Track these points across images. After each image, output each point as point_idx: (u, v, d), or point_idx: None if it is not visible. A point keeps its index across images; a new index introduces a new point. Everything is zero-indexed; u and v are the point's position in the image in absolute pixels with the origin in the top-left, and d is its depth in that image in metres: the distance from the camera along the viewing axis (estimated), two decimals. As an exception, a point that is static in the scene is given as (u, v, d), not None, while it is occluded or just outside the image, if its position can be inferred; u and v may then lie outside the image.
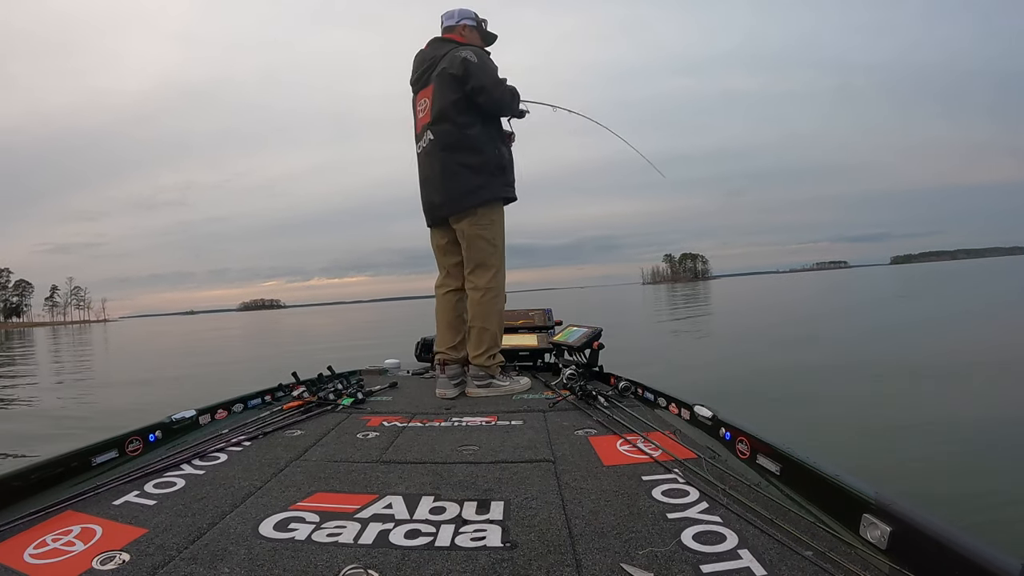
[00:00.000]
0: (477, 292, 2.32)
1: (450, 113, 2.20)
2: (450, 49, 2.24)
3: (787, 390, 4.55)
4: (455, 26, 2.35)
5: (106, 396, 6.32)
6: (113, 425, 1.86)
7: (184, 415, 1.77)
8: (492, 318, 2.33)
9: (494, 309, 2.34)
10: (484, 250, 2.30)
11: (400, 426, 1.81)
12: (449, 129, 2.21)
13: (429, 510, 1.11)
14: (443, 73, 2.19)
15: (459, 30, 2.35)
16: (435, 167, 2.28)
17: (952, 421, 3.32)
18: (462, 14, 2.35)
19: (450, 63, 2.18)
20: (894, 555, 0.85)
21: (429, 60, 2.29)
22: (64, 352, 15.26)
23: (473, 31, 2.37)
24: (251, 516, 1.10)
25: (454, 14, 2.35)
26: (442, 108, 2.20)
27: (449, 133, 2.22)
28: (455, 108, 2.20)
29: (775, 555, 0.89)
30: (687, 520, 1.02)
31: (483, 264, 2.31)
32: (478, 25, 2.38)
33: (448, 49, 2.24)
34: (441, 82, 2.20)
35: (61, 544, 0.99)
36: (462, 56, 2.17)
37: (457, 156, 2.23)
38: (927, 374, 4.89)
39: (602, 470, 1.33)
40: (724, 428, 1.47)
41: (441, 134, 2.23)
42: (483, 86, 2.17)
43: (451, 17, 2.35)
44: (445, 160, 2.25)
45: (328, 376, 2.43)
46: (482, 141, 2.25)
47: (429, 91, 2.25)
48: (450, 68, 2.18)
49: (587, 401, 1.98)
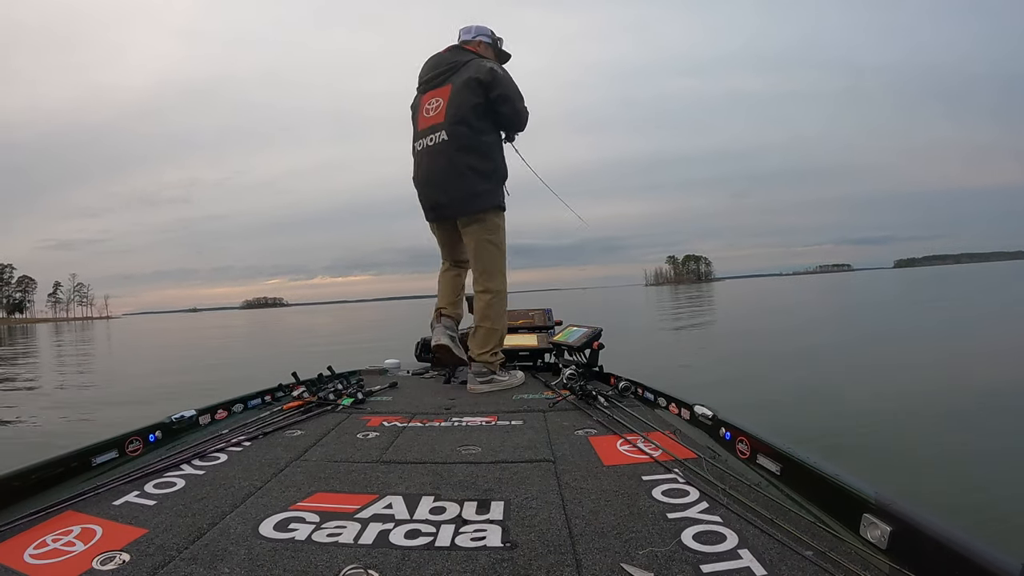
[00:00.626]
0: (488, 295, 2.43)
1: (469, 116, 2.27)
2: (473, 58, 2.35)
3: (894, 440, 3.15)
4: (471, 40, 2.45)
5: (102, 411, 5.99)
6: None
7: (184, 415, 1.77)
8: (500, 319, 2.46)
9: (502, 311, 2.47)
10: (493, 255, 2.40)
11: (400, 426, 1.81)
12: (466, 132, 2.27)
13: (429, 510, 1.11)
14: (469, 79, 2.27)
15: (475, 44, 2.44)
16: (442, 165, 2.32)
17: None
18: (479, 30, 2.46)
19: (477, 70, 2.28)
20: (894, 555, 0.85)
21: (448, 64, 2.35)
22: (59, 355, 15.26)
23: (488, 48, 2.47)
24: (251, 516, 1.10)
25: (471, 29, 2.46)
26: (462, 111, 2.26)
27: (466, 135, 2.28)
28: (475, 112, 2.27)
29: (775, 555, 0.89)
30: (687, 520, 1.02)
31: (491, 269, 2.42)
32: (493, 43, 2.49)
33: (470, 58, 2.35)
34: (465, 86, 2.27)
35: (61, 544, 0.99)
36: (489, 66, 2.30)
37: (469, 159, 2.30)
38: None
39: (602, 470, 1.33)
40: (724, 428, 1.47)
41: (457, 135, 2.28)
42: (508, 96, 2.29)
43: (468, 32, 2.47)
44: (456, 160, 2.30)
45: (328, 376, 2.43)
46: (494, 149, 2.36)
47: (444, 92, 2.31)
48: (477, 74, 2.26)
49: (587, 401, 1.98)
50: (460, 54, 2.37)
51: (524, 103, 2.36)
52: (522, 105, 2.35)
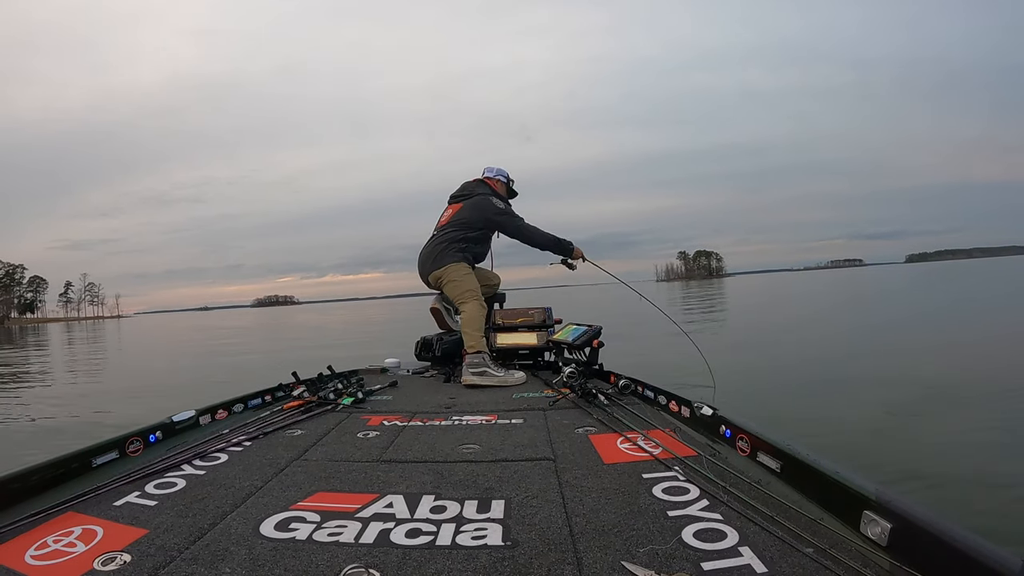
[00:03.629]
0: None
1: (465, 220, 3.04)
2: (487, 191, 3.11)
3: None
4: (492, 177, 3.20)
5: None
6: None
7: (184, 415, 1.77)
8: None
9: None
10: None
11: (400, 425, 1.81)
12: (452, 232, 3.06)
13: (430, 509, 1.11)
14: (477, 203, 3.05)
15: (494, 180, 3.18)
16: (428, 250, 3.09)
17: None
18: (499, 172, 3.21)
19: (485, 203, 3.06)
20: (895, 552, 0.86)
21: (468, 189, 3.11)
22: (67, 353, 15.26)
23: (502, 185, 3.20)
24: (252, 516, 1.10)
25: (493, 169, 3.22)
26: (458, 220, 3.04)
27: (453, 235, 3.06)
28: (466, 224, 3.03)
29: (776, 552, 0.89)
30: (688, 518, 1.02)
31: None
32: (507, 182, 3.23)
33: (485, 190, 3.11)
34: (473, 207, 3.04)
35: (62, 545, 0.99)
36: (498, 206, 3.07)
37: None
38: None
39: (602, 468, 1.33)
40: (725, 425, 1.47)
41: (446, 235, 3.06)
42: (504, 228, 3.05)
43: (490, 171, 3.22)
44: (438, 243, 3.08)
45: (328, 376, 2.43)
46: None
47: (458, 207, 3.06)
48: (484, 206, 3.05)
49: (587, 399, 1.98)
50: (479, 187, 3.11)
51: (520, 220, 3.03)
52: (514, 220, 3.02)
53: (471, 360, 2.63)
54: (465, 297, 2.89)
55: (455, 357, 2.96)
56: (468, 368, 2.60)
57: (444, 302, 3.09)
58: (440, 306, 3.09)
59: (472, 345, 2.71)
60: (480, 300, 2.91)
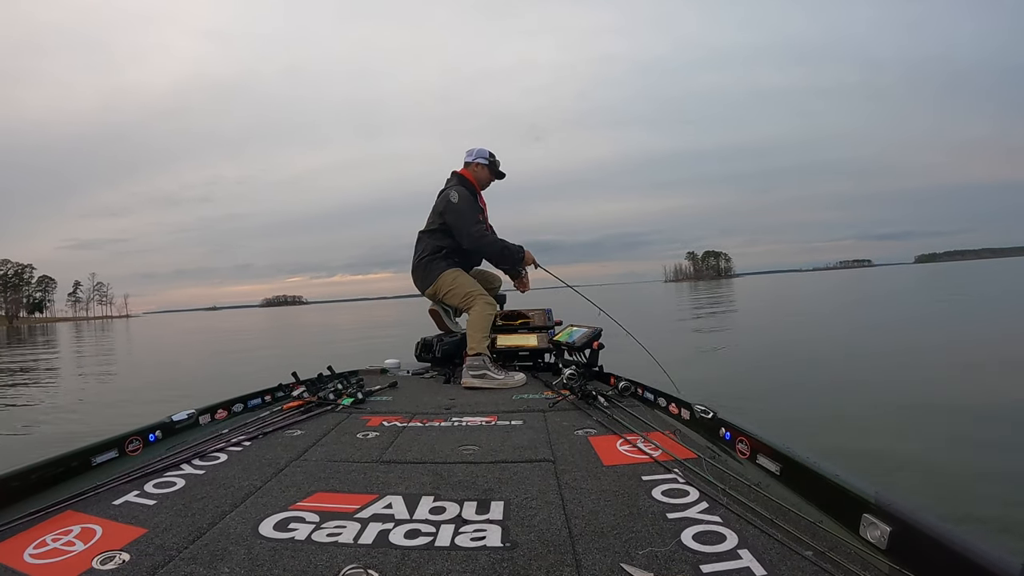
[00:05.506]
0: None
1: (435, 223, 2.91)
2: (453, 183, 2.90)
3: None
4: (471, 163, 2.94)
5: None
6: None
7: (184, 415, 1.77)
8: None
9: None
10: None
11: (400, 426, 1.81)
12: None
13: (429, 510, 1.11)
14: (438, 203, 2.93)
15: (472, 167, 2.94)
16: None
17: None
18: (479, 153, 2.94)
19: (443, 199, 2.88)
20: (894, 555, 0.85)
21: (446, 183, 2.95)
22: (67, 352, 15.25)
23: (484, 168, 2.94)
24: (251, 516, 1.10)
25: (473, 152, 2.95)
26: (429, 225, 2.93)
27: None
28: (437, 228, 2.91)
29: (775, 555, 0.88)
30: (687, 520, 1.02)
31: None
32: (491, 163, 2.95)
33: (452, 182, 2.91)
34: (435, 208, 2.92)
35: (61, 544, 0.99)
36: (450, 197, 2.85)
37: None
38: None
39: (602, 470, 1.32)
40: (724, 428, 1.47)
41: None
42: (453, 223, 2.83)
43: (470, 155, 2.95)
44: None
45: (328, 376, 2.43)
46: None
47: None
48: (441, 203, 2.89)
49: (587, 401, 1.98)
50: (450, 180, 2.93)
51: (471, 224, 2.80)
52: (463, 223, 2.79)
53: (471, 362, 2.62)
54: (468, 301, 2.83)
55: (455, 358, 2.96)
56: (468, 370, 2.59)
57: (442, 304, 3.06)
58: (439, 307, 3.09)
59: (473, 347, 2.70)
60: (485, 298, 2.83)
